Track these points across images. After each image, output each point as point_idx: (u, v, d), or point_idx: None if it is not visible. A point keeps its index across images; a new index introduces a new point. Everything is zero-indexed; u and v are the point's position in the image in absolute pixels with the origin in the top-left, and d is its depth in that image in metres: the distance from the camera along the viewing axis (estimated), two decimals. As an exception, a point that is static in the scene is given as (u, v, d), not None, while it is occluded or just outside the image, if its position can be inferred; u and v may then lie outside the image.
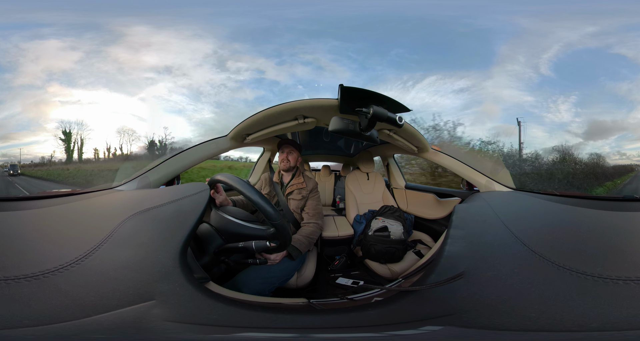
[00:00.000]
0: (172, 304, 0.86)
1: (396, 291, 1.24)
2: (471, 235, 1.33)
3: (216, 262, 1.35)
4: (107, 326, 0.77)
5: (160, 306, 0.84)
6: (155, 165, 1.82)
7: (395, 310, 0.95)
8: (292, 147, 2.53)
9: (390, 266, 2.64)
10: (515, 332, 0.78)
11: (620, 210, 1.40)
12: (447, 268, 1.07)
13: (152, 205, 1.25)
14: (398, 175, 4.10)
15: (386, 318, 0.92)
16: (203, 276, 1.14)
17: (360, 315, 0.97)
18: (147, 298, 0.85)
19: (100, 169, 27.52)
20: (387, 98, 1.24)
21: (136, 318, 0.80)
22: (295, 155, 2.52)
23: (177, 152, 1.90)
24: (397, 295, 1.06)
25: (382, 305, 1.03)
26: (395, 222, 2.91)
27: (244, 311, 0.91)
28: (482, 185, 2.30)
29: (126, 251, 1.00)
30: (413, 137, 2.23)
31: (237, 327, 0.84)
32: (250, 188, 1.24)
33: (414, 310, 0.94)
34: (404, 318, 0.92)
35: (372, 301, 1.17)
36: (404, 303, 0.97)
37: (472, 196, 2.15)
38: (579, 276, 0.89)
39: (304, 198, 2.46)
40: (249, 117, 1.82)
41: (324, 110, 1.62)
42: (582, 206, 1.52)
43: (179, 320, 0.83)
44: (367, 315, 0.95)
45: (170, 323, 0.81)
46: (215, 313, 0.87)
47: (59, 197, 1.49)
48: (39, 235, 1.13)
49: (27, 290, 0.82)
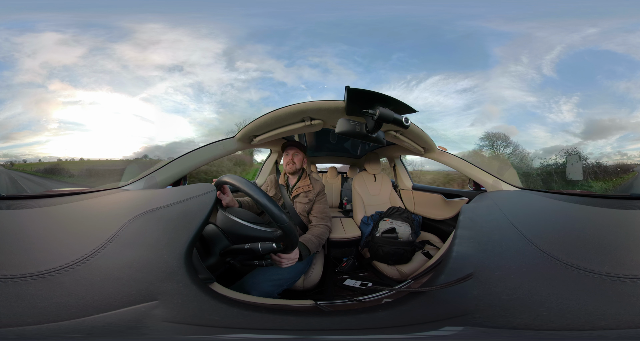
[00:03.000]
0: (175, 304, 0.86)
1: (406, 292, 1.23)
2: (479, 235, 1.32)
3: (222, 263, 1.35)
4: (107, 326, 0.77)
5: (163, 306, 0.84)
6: (162, 165, 1.83)
7: (405, 311, 0.95)
8: (297, 149, 2.47)
9: (398, 268, 2.63)
10: (530, 331, 0.77)
11: (628, 208, 1.38)
12: (456, 268, 1.07)
13: (158, 205, 1.26)
14: (405, 176, 4.09)
15: (397, 320, 0.92)
16: (208, 277, 1.14)
17: (369, 316, 0.96)
18: (150, 298, 0.85)
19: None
20: (393, 100, 1.24)
21: (137, 318, 0.80)
22: (300, 156, 2.47)
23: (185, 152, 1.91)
24: (406, 296, 1.05)
25: (392, 307, 1.02)
26: (403, 223, 2.90)
27: (247, 313, 0.90)
28: (489, 185, 2.30)
29: (132, 251, 1.00)
30: (419, 137, 2.23)
31: (239, 329, 0.84)
32: (257, 189, 1.23)
33: (425, 311, 0.94)
34: (415, 320, 0.92)
35: (382, 302, 1.16)
36: (414, 305, 0.96)
37: (480, 196, 2.14)
38: (588, 275, 0.88)
39: (310, 201, 2.40)
40: (256, 119, 1.83)
41: (331, 111, 1.62)
42: (589, 204, 1.50)
43: (180, 321, 0.83)
44: (377, 317, 0.94)
45: (170, 324, 0.81)
46: (218, 314, 0.86)
47: (66, 195, 1.50)
48: (45, 233, 1.13)
49: (33, 288, 0.83)
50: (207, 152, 1.98)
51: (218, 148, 2.03)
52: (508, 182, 2.24)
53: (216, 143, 2.02)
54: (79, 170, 25.78)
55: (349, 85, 1.27)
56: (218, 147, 2.03)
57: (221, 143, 2.04)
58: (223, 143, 2.04)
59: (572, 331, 0.74)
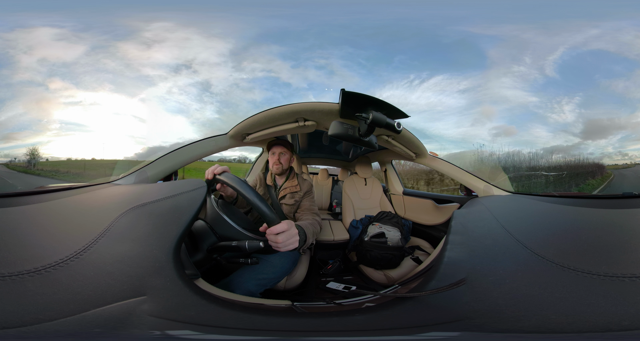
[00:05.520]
0: (161, 299, 0.86)
1: (392, 297, 1.21)
2: (471, 240, 1.32)
3: (208, 259, 1.35)
4: (102, 321, 0.77)
5: (150, 301, 0.84)
6: (154, 160, 1.82)
7: (387, 316, 0.93)
8: (283, 147, 2.34)
9: (386, 272, 2.62)
10: (530, 334, 0.77)
11: (621, 208, 1.40)
12: (448, 274, 1.06)
13: (149, 200, 1.26)
14: (396, 181, 4.11)
15: (376, 324, 0.91)
16: (194, 272, 1.14)
17: (345, 319, 0.95)
18: (140, 292, 0.86)
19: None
20: (386, 104, 1.25)
21: (127, 313, 0.80)
22: (287, 156, 2.35)
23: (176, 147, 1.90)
24: (391, 302, 1.04)
25: (373, 311, 1.01)
26: (392, 228, 2.91)
27: (223, 310, 0.90)
28: (481, 190, 2.32)
29: (123, 245, 1.00)
30: (411, 143, 2.24)
31: (211, 326, 0.84)
32: (248, 188, 1.24)
33: (411, 317, 0.93)
34: (398, 324, 0.91)
35: (363, 306, 1.15)
36: (398, 310, 0.95)
37: (471, 201, 2.15)
38: (585, 276, 0.88)
39: (297, 202, 2.31)
40: (249, 117, 1.83)
41: (325, 113, 1.62)
42: (581, 206, 1.52)
43: (162, 316, 0.83)
44: (354, 320, 0.93)
45: (154, 318, 0.81)
46: (195, 310, 0.87)
47: (57, 191, 1.50)
48: (38, 229, 1.13)
49: (31, 285, 0.83)
50: (199, 148, 1.98)
51: (210, 145, 2.02)
52: (499, 187, 2.25)
53: (208, 139, 2.02)
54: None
55: (344, 88, 1.28)
56: (210, 143, 2.02)
57: (213, 139, 2.03)
58: (215, 140, 2.04)
59: (580, 333, 0.74)
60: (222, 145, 2.06)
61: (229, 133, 2.02)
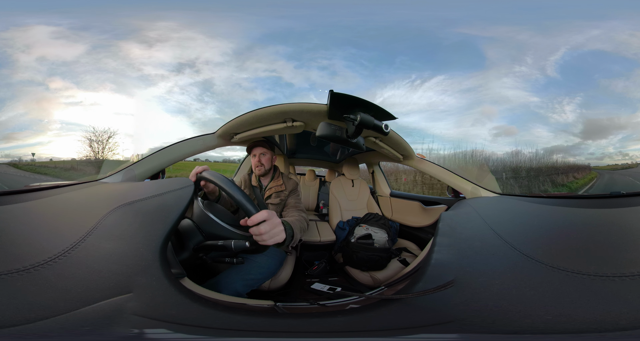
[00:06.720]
0: (146, 297, 0.86)
1: (377, 299, 1.20)
2: (459, 242, 1.33)
3: (194, 258, 1.34)
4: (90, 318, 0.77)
5: (136, 299, 0.84)
6: (141, 159, 1.82)
7: (371, 317, 0.93)
8: (262, 148, 2.31)
9: (372, 274, 2.62)
10: (521, 335, 0.77)
11: (608, 207, 1.41)
12: (435, 276, 1.06)
13: (136, 198, 1.26)
14: (383, 183, 4.13)
15: (360, 325, 0.90)
16: (180, 271, 1.14)
17: (327, 320, 0.95)
18: (127, 290, 0.86)
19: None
20: (374, 106, 1.26)
21: (115, 310, 0.80)
22: (268, 156, 2.32)
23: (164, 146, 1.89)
24: (377, 303, 1.03)
25: (357, 312, 1.01)
26: (379, 230, 2.91)
27: (205, 310, 0.90)
28: (468, 192, 2.34)
29: (110, 243, 1.00)
30: (399, 145, 2.26)
31: (192, 326, 0.83)
32: (233, 186, 1.24)
33: (397, 318, 0.92)
34: (383, 326, 0.90)
35: (347, 308, 1.14)
36: (384, 311, 0.95)
37: (459, 203, 2.16)
38: (575, 276, 0.89)
39: (282, 201, 2.30)
40: (237, 116, 1.82)
41: (313, 114, 1.63)
42: (569, 206, 1.53)
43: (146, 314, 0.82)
44: (337, 321, 0.93)
45: (138, 317, 0.81)
46: (177, 309, 0.86)
47: (45, 189, 1.49)
48: (26, 228, 1.12)
49: (20, 283, 0.83)
50: (187, 147, 1.97)
51: (198, 144, 2.01)
52: (487, 188, 2.26)
53: (196, 138, 2.01)
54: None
55: (332, 89, 1.28)
56: (198, 142, 2.01)
57: (201, 138, 2.02)
58: (203, 139, 2.03)
59: (570, 333, 0.75)
60: (209, 144, 2.05)
61: (217, 132, 2.01)
